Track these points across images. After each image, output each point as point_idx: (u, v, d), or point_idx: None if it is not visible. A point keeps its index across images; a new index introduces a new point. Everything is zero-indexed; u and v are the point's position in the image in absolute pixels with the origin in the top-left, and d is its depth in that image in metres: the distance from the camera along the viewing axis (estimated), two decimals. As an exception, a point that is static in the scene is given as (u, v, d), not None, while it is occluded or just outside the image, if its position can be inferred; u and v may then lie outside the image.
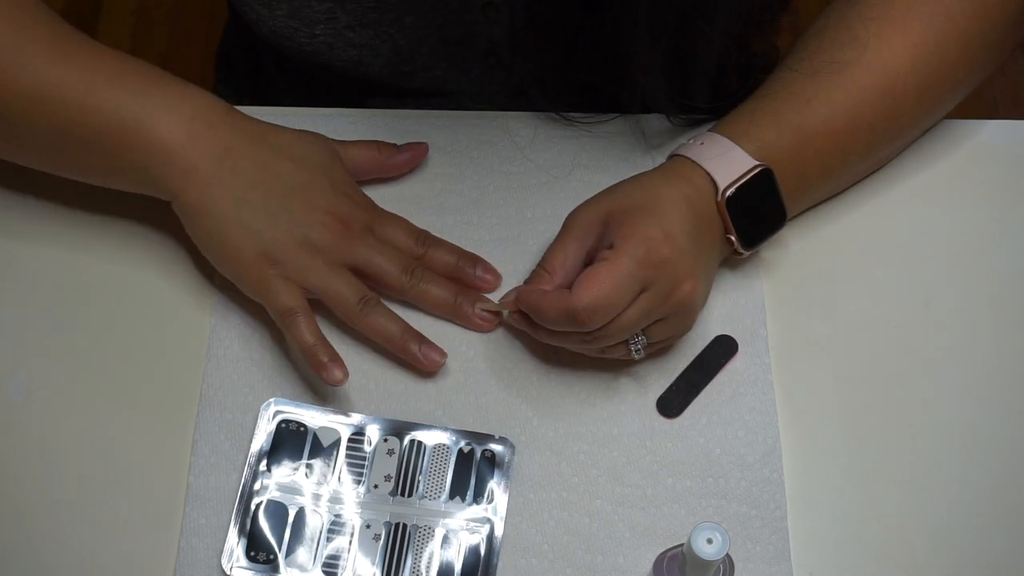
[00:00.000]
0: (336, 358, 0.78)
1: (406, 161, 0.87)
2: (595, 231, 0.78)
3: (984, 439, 0.81)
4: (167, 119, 0.78)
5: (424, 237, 0.84)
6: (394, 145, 0.87)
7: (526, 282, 0.80)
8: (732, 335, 0.83)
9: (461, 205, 0.87)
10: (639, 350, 0.77)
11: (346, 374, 0.78)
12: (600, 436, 0.80)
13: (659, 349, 0.81)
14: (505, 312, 0.81)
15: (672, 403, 0.81)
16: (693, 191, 0.79)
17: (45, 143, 0.80)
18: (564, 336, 0.77)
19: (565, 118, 0.89)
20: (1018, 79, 1.87)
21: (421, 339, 0.80)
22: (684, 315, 0.78)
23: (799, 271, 0.86)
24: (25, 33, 0.79)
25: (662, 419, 0.81)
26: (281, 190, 0.79)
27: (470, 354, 0.82)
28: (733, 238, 0.80)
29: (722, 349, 0.82)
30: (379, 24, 0.89)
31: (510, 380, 0.81)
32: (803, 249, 0.86)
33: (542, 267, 0.79)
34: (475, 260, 0.84)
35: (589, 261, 0.78)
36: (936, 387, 0.82)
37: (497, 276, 0.84)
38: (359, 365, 0.82)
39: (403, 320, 0.81)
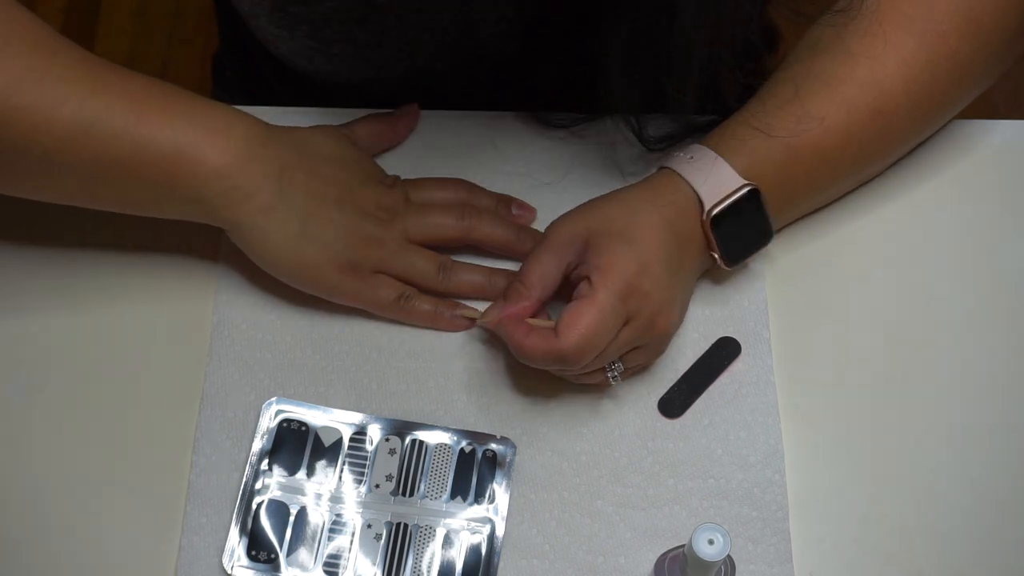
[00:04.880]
0: (457, 305, 0.82)
1: (407, 124, 0.89)
2: (573, 249, 0.78)
3: (986, 440, 0.81)
4: (224, 143, 0.76)
5: (457, 183, 0.85)
6: (390, 112, 0.88)
7: (505, 296, 0.79)
8: (735, 337, 0.83)
9: (463, 205, 0.87)
10: (616, 376, 0.78)
11: (476, 312, 0.82)
12: (602, 436, 0.80)
13: (633, 374, 0.81)
14: (479, 321, 0.82)
15: (674, 404, 0.81)
16: (675, 212, 0.78)
17: (86, 177, 0.76)
18: (541, 366, 0.77)
19: (569, 120, 0.89)
20: (1018, 79, 1.86)
21: (506, 274, 0.83)
22: (660, 343, 0.79)
23: (802, 273, 0.86)
24: (58, 61, 0.74)
25: (664, 420, 0.81)
26: (335, 195, 0.80)
27: (472, 354, 0.82)
28: (716, 256, 0.80)
29: (725, 351, 0.82)
30: (398, 42, 0.89)
31: (512, 380, 0.81)
32: (806, 251, 0.86)
33: (520, 281, 0.78)
34: (509, 200, 0.86)
35: (566, 277, 0.78)
36: (938, 388, 0.83)
37: (532, 210, 0.87)
38: (360, 364, 0.82)
39: (482, 267, 0.83)
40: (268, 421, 0.79)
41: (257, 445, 0.78)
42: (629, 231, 0.77)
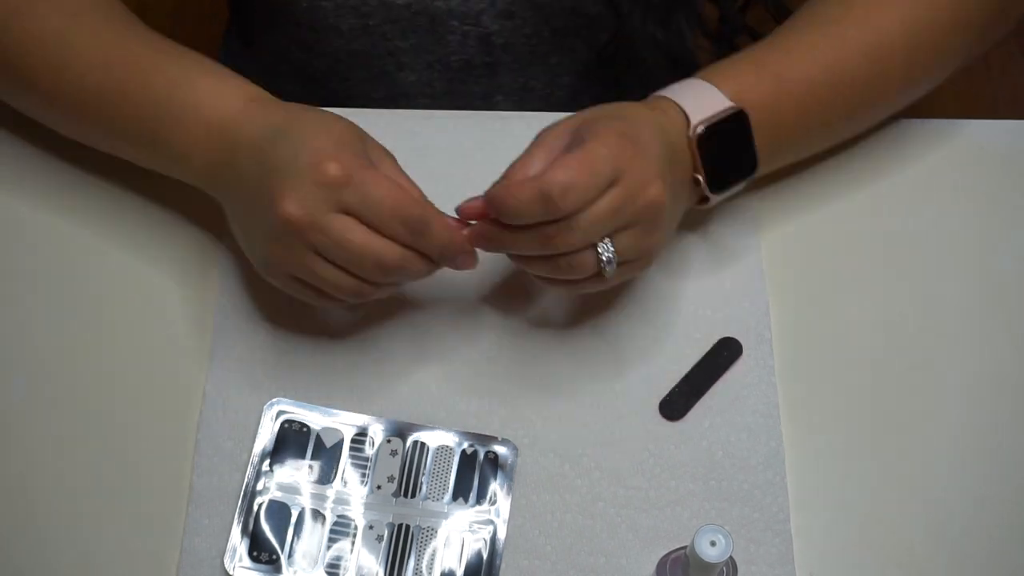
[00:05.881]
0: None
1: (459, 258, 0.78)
2: (563, 140, 0.75)
3: (987, 441, 0.81)
4: (232, 92, 0.78)
5: (406, 219, 0.75)
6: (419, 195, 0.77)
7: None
8: (736, 337, 0.83)
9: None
10: (609, 261, 0.74)
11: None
12: (603, 438, 0.80)
13: (626, 273, 0.77)
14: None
15: (675, 406, 0.81)
16: (667, 121, 0.78)
17: (95, 102, 0.80)
18: (528, 242, 0.73)
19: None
20: (1018, 79, 1.87)
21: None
22: (650, 226, 0.75)
23: (803, 273, 0.86)
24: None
25: (665, 422, 0.81)
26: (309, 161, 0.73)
27: (473, 355, 0.82)
28: (700, 178, 0.79)
29: (727, 352, 0.82)
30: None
31: (513, 382, 0.81)
32: (807, 251, 0.87)
33: (505, 176, 0.75)
34: (454, 252, 0.76)
35: None
36: (939, 390, 0.83)
37: (473, 264, 0.77)
38: (362, 365, 0.82)
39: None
40: (269, 422, 0.79)
41: (258, 446, 0.78)
42: (624, 114, 0.76)
